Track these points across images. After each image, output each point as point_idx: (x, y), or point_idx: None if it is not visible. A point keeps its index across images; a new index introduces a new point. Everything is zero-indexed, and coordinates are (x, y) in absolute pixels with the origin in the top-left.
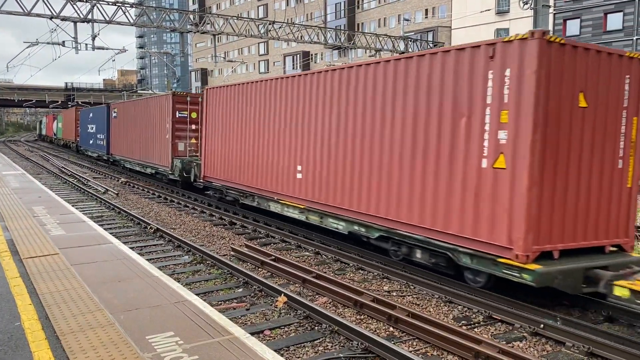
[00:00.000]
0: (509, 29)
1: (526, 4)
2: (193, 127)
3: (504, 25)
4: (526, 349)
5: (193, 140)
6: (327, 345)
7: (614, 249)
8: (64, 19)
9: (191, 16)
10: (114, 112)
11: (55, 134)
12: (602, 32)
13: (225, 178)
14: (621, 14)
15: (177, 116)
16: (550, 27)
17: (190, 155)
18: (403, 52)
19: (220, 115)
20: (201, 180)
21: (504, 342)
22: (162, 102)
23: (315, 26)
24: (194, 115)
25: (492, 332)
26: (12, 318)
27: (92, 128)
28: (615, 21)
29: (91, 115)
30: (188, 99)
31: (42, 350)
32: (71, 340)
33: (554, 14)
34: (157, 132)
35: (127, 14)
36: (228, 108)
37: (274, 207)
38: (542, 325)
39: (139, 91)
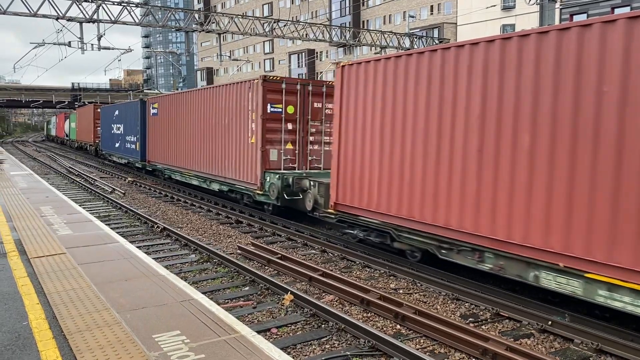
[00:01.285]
0: (515, 24)
1: None
2: (289, 126)
3: (510, 21)
4: (534, 346)
5: (289, 146)
6: (334, 343)
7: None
8: (70, 19)
9: (196, 15)
10: (153, 108)
11: (67, 135)
12: None
13: (393, 212)
14: (628, 8)
15: (268, 111)
16: (557, 22)
17: (286, 167)
18: (408, 49)
19: (380, 106)
20: (331, 210)
21: (512, 339)
22: (242, 92)
23: (320, 24)
24: (290, 109)
25: (500, 329)
26: (19, 317)
27: (117, 128)
28: None
29: (117, 113)
30: (283, 86)
31: (50, 349)
32: (78, 340)
33: (561, 9)
34: (234, 133)
35: (132, 13)
36: (401, 93)
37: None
38: (550, 322)
39: (145, 91)
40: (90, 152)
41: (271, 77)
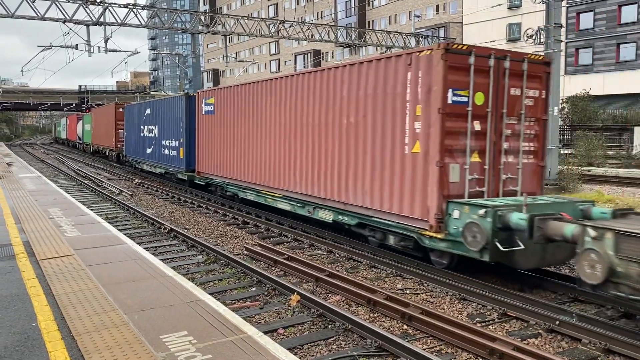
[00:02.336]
0: (522, 23)
1: None
2: (477, 126)
3: (516, 20)
4: (542, 345)
5: (475, 158)
6: (341, 344)
7: None
8: (77, 22)
9: (202, 17)
10: (207, 104)
11: (80, 138)
12: (617, 24)
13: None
14: (635, 5)
15: (449, 102)
16: (563, 21)
17: (471, 194)
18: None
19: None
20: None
21: (519, 339)
22: (390, 72)
23: (326, 24)
24: (479, 99)
25: (507, 329)
26: (28, 318)
27: (150, 131)
28: (629, 13)
29: (148, 112)
30: (471, 60)
31: (58, 350)
32: (86, 340)
33: (567, 7)
34: (369, 138)
35: (138, 16)
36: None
37: None
38: (557, 322)
39: (151, 92)
40: (109, 158)
41: (456, 47)
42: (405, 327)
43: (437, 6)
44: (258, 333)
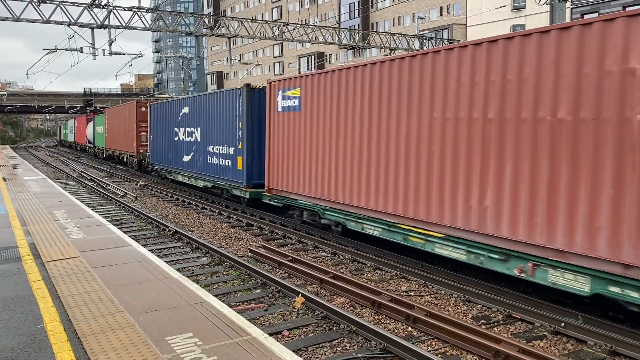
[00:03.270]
0: (525, 25)
1: None
2: None
3: (520, 22)
4: (547, 347)
5: None
6: (346, 346)
7: None
8: (82, 25)
9: (206, 20)
10: (287, 99)
11: (91, 142)
12: None
13: None
14: (637, 7)
15: None
16: (569, 21)
17: None
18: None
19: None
20: None
21: (524, 341)
22: None
23: (330, 27)
24: None
25: (512, 331)
26: (35, 320)
27: (189, 134)
28: None
29: (185, 111)
30: None
31: (65, 351)
32: (92, 342)
33: (571, 8)
34: None
35: (143, 19)
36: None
37: None
38: (563, 324)
39: (155, 95)
40: (128, 164)
41: None
42: (410, 329)
43: (441, 8)
44: (263, 335)
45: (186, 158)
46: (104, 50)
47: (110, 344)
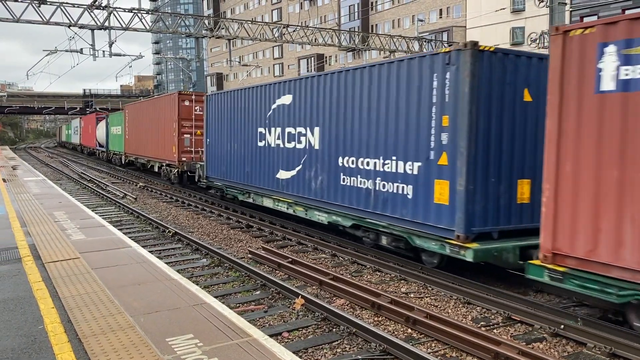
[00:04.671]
0: (525, 27)
1: (542, 1)
2: None
3: (519, 24)
4: (546, 349)
5: None
6: (345, 347)
7: None
8: (82, 26)
9: (206, 21)
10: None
11: (102, 145)
12: None
13: None
14: (639, 10)
15: None
16: (568, 24)
17: None
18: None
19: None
20: None
21: (524, 343)
22: None
23: (329, 29)
24: None
25: (512, 333)
26: (35, 321)
27: (293, 138)
28: None
29: (285, 101)
30: None
31: (65, 352)
32: (93, 343)
33: (570, 11)
34: None
35: (143, 20)
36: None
37: None
38: (562, 326)
39: (155, 96)
40: (164, 176)
41: None
42: (409, 330)
43: (441, 10)
44: (263, 336)
45: (284, 174)
46: (104, 51)
47: (110, 345)
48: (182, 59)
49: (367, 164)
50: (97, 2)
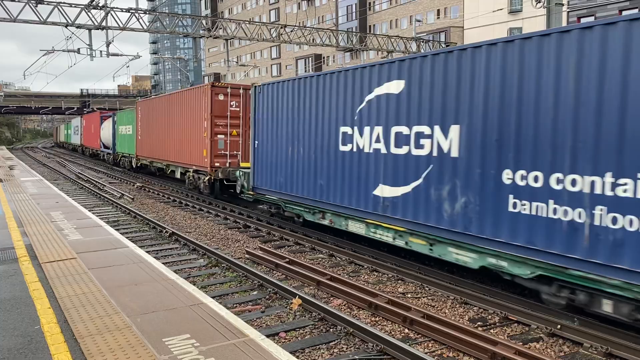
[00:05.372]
0: (522, 28)
1: (539, 2)
2: None
3: (517, 25)
4: (543, 349)
5: None
6: (342, 347)
7: None
8: (79, 26)
9: (203, 21)
10: None
11: (107, 146)
12: None
13: None
14: (636, 10)
15: None
16: (565, 25)
17: None
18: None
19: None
20: None
21: (521, 343)
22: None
23: (327, 29)
24: None
25: (509, 333)
26: (31, 321)
27: (401, 140)
28: None
29: (390, 89)
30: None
31: (61, 353)
32: (89, 343)
33: (568, 12)
34: None
35: (140, 20)
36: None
37: None
38: (559, 326)
39: (152, 96)
40: (191, 184)
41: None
42: (406, 331)
43: (438, 11)
44: (260, 336)
45: (389, 190)
46: (101, 51)
47: (107, 345)
48: (179, 59)
49: (574, 182)
50: (94, 2)
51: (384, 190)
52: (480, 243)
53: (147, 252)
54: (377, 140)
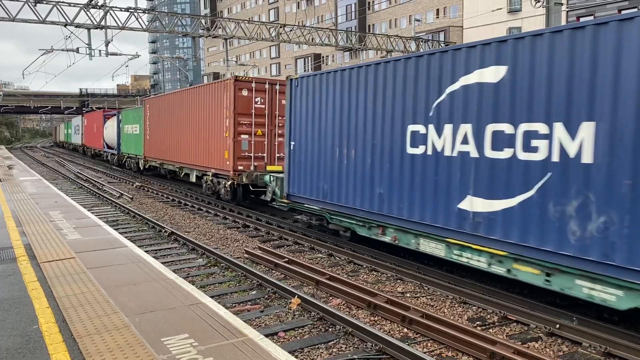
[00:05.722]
0: (521, 27)
1: (538, 2)
2: None
3: (516, 24)
4: (542, 349)
5: None
6: (341, 347)
7: None
8: (78, 25)
9: (203, 21)
10: None
11: (111, 147)
12: None
13: None
14: (635, 10)
15: None
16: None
17: None
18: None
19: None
20: None
21: (520, 343)
22: None
23: (326, 28)
24: None
25: (508, 333)
26: (30, 321)
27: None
28: None
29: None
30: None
31: (60, 352)
32: (88, 343)
33: (567, 11)
34: None
35: (139, 19)
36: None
37: None
38: (558, 326)
39: (152, 96)
40: (209, 189)
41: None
42: (405, 330)
43: (438, 10)
44: (259, 336)
45: (482, 204)
46: (100, 50)
47: (105, 345)
48: (178, 59)
49: None
50: (93, 2)
51: (474, 204)
52: (630, 276)
53: (146, 251)
54: (465, 142)
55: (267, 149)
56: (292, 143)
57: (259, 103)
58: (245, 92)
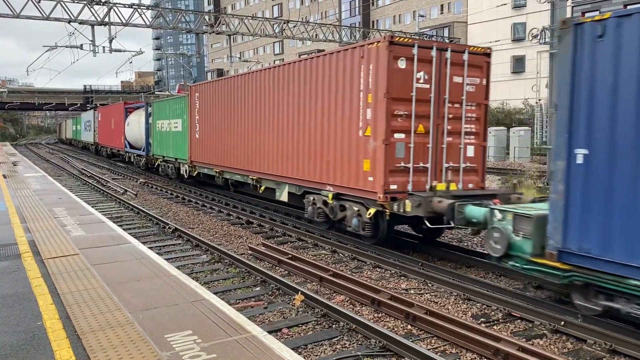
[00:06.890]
0: (526, 23)
1: None
2: None
3: (520, 20)
4: (547, 346)
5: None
6: (345, 344)
7: None
8: (82, 22)
9: (206, 17)
10: None
11: (135, 146)
12: None
13: None
14: (639, 5)
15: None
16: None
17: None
18: None
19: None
20: None
21: (524, 340)
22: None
23: (330, 24)
24: None
25: (512, 330)
26: (34, 317)
27: None
28: None
29: None
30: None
31: (63, 349)
32: (91, 339)
33: (572, 6)
34: None
35: (143, 16)
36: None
37: None
38: (562, 323)
39: (156, 92)
40: (337, 220)
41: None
42: (409, 327)
43: (442, 6)
44: (262, 332)
45: None
46: (104, 47)
47: (109, 342)
48: (182, 55)
49: None
50: None
51: None
52: None
53: (149, 248)
54: None
55: (432, 155)
56: (583, 151)
57: (421, 81)
58: (402, 64)
